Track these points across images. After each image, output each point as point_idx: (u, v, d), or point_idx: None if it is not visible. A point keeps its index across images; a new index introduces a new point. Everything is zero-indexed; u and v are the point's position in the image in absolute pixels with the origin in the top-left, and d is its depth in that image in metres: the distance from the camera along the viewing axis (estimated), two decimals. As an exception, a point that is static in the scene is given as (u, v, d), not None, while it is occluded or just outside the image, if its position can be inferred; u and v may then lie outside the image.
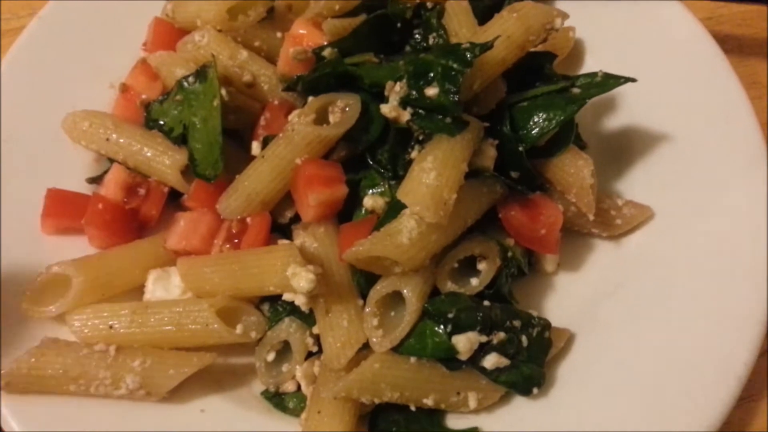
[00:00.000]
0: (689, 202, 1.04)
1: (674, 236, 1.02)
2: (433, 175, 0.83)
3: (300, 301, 0.86)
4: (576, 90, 0.97)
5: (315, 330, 0.90)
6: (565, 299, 1.01)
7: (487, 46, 0.88)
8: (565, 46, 1.14)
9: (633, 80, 0.98)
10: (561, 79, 1.00)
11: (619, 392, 0.90)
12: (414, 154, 0.89)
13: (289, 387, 0.93)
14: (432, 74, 0.89)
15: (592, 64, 1.19)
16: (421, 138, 0.90)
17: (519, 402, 0.91)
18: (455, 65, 0.87)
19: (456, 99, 0.86)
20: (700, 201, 1.03)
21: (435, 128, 0.88)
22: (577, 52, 1.23)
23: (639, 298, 0.98)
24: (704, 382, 0.88)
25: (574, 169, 0.97)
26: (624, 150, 1.13)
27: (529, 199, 0.96)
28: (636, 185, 1.09)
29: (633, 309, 0.97)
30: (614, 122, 1.16)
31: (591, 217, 0.96)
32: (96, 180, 1.09)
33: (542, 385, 0.90)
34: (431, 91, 0.88)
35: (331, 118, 0.97)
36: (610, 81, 0.97)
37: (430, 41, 1.01)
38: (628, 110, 1.16)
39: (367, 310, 0.87)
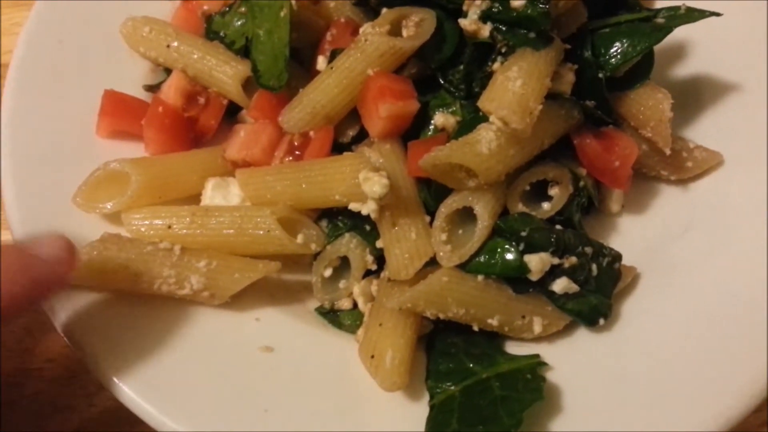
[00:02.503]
0: (758, 150, 1.01)
1: (742, 183, 0.99)
2: (519, 83, 0.80)
3: (370, 208, 0.83)
4: (660, 20, 0.93)
5: (378, 244, 0.88)
6: (629, 240, 0.98)
7: (578, -40, 0.85)
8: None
9: (718, 14, 0.95)
10: (644, 9, 0.97)
11: (684, 333, 0.87)
12: (496, 66, 0.86)
13: (345, 304, 0.90)
14: (518, -14, 0.85)
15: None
16: (503, 51, 0.86)
17: (581, 334, 0.88)
18: (544, -23, 0.83)
19: (545, 9, 0.83)
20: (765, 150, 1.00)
21: (519, 41, 0.85)
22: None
23: (707, 242, 0.95)
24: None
25: (652, 102, 0.93)
26: (693, 97, 1.09)
27: (603, 131, 0.93)
28: (705, 133, 1.05)
29: (700, 252, 0.94)
30: (683, 70, 1.13)
31: (667, 151, 0.93)
32: (153, 88, 1.06)
33: (609, 317, 0.87)
34: (518, 2, 0.84)
35: (405, 33, 0.93)
36: (695, 13, 0.94)
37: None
38: (697, 58, 1.12)
39: (437, 224, 0.84)
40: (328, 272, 0.90)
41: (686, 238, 0.96)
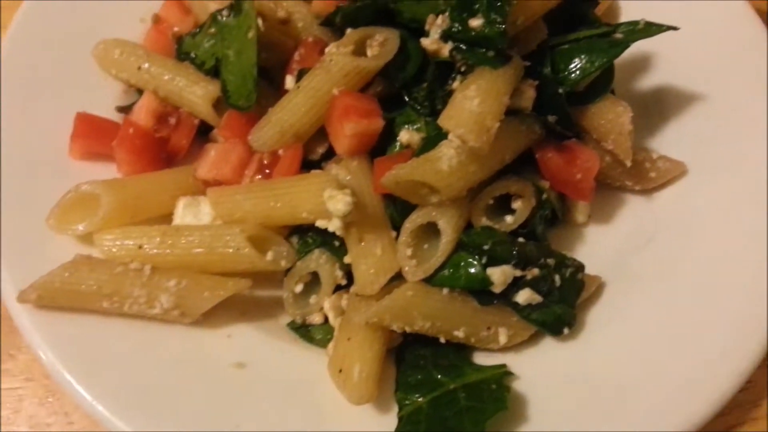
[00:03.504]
0: (721, 160, 1.04)
1: (706, 192, 1.02)
2: (476, 102, 0.82)
3: (335, 225, 0.85)
4: (618, 35, 0.96)
5: (346, 260, 0.90)
6: (595, 250, 1.00)
7: (534, -20, 0.87)
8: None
9: (675, 28, 0.97)
10: (603, 24, 0.99)
11: (647, 341, 0.90)
12: (455, 84, 0.88)
13: (316, 319, 0.92)
14: (477, 5, 0.88)
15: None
16: (463, 69, 0.89)
17: (547, 344, 0.91)
18: (501, -4, 0.86)
19: (501, 29, 0.85)
20: (731, 159, 1.03)
21: (478, 60, 0.87)
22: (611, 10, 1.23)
23: (670, 252, 0.98)
24: (734, 336, 0.87)
25: (612, 116, 0.96)
26: (656, 108, 1.12)
27: (565, 144, 0.96)
28: (668, 143, 1.08)
29: (664, 262, 0.97)
30: (646, 81, 1.16)
31: (628, 163, 0.96)
32: (125, 109, 1.08)
33: (573, 326, 0.89)
34: (476, 22, 0.87)
35: (369, 52, 0.96)
36: (652, 28, 0.97)
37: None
38: (660, 69, 1.16)
39: (402, 239, 0.86)
40: (299, 288, 0.92)
41: (650, 247, 0.99)
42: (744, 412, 0.96)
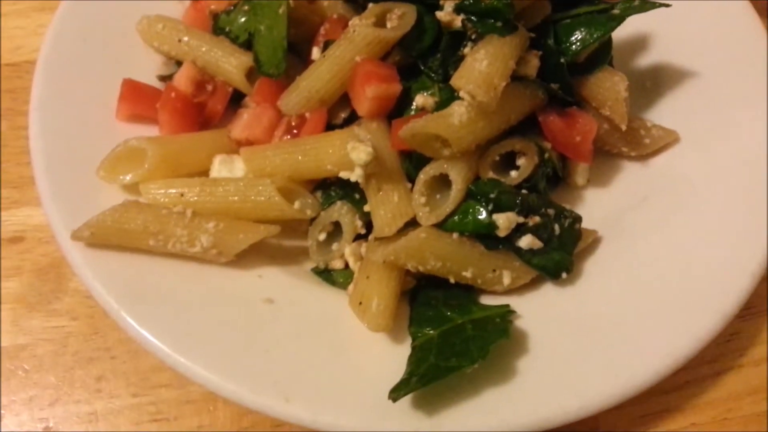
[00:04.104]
0: (712, 129, 1.13)
1: (697, 157, 1.11)
2: (485, 63, 0.91)
3: (357, 175, 0.94)
4: (615, 11, 1.05)
5: (366, 208, 0.99)
6: (593, 210, 1.09)
7: (539, -43, 0.97)
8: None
9: (667, 5, 1.06)
10: (602, 2, 1.09)
11: (639, 286, 0.98)
12: (466, 50, 0.98)
13: (338, 264, 1.01)
14: (488, -18, 0.97)
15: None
16: (473, 37, 0.98)
17: (547, 289, 0.99)
18: (510, -28, 0.95)
19: (508, 1, 0.95)
20: (722, 128, 1.12)
21: (487, 29, 0.96)
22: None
23: (662, 209, 1.06)
24: (722, 277, 0.96)
25: (609, 84, 1.05)
26: (653, 83, 1.21)
27: (566, 110, 1.05)
28: (663, 114, 1.17)
29: (656, 218, 1.05)
30: (644, 59, 1.25)
31: (623, 127, 1.05)
32: (166, 78, 1.18)
33: (570, 272, 0.98)
34: (485, -4, 0.96)
35: (389, 24, 1.06)
36: (646, 5, 1.06)
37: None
38: (657, 48, 1.25)
39: (416, 188, 0.95)
40: (322, 236, 1.02)
41: (643, 206, 1.07)
42: (731, 359, 1.04)
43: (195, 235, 0.94)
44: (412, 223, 0.97)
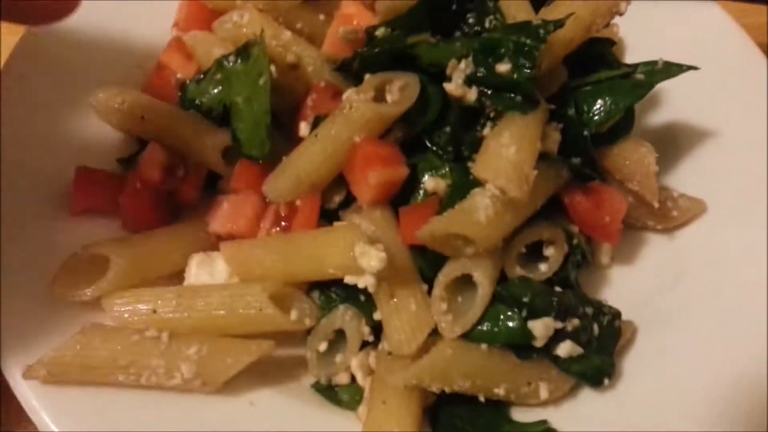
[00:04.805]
0: (739, 196, 1.03)
1: (727, 229, 1.01)
2: (513, 150, 0.79)
3: (368, 282, 0.80)
4: (639, 76, 0.95)
5: (376, 317, 0.85)
6: (621, 292, 0.98)
7: (559, 24, 0.86)
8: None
9: (696, 68, 0.97)
10: (622, 65, 0.99)
11: (686, 387, 0.87)
12: (486, 131, 0.86)
13: (343, 379, 0.87)
14: (502, 50, 0.86)
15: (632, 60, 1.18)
16: (492, 115, 0.86)
17: (585, 394, 0.87)
18: (528, 41, 0.84)
19: (531, 74, 0.83)
20: (749, 194, 1.02)
21: (507, 106, 0.84)
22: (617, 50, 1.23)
23: (699, 292, 0.95)
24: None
25: (637, 156, 0.95)
26: (669, 145, 1.12)
27: (591, 186, 0.94)
28: (684, 180, 1.07)
29: (694, 304, 0.94)
30: (657, 118, 1.16)
31: (656, 204, 0.94)
32: (127, 161, 1.02)
33: (612, 376, 0.86)
34: (503, 68, 0.84)
35: (389, 98, 0.93)
36: (672, 68, 0.96)
37: (486, 24, 0.98)
38: (670, 107, 1.15)
39: (436, 293, 0.82)
40: (323, 346, 0.87)
41: (678, 288, 0.96)
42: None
43: (174, 364, 0.78)
44: (431, 331, 0.83)
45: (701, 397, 0.86)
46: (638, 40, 1.20)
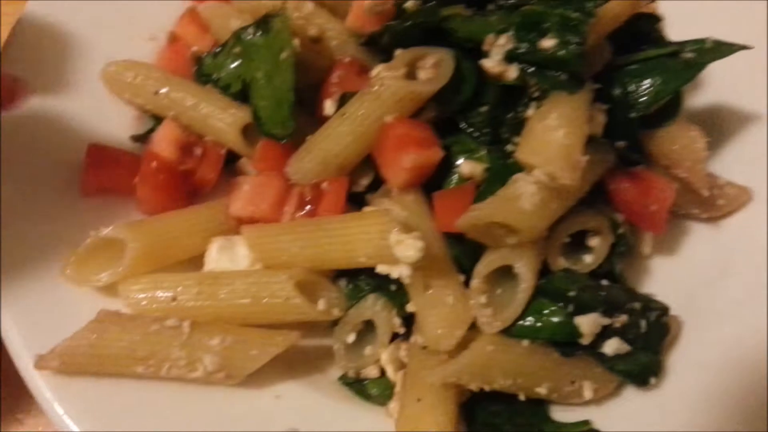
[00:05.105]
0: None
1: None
2: (562, 133, 0.73)
3: (403, 273, 0.75)
4: (689, 55, 0.89)
5: (409, 308, 0.80)
6: (664, 284, 0.92)
7: (606, -4, 0.79)
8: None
9: (748, 47, 0.90)
10: (670, 43, 0.92)
11: (733, 386, 0.82)
12: (530, 112, 0.80)
13: (372, 372, 0.82)
14: (547, 25, 0.79)
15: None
16: (536, 95, 0.80)
17: (629, 393, 0.82)
18: (575, 15, 0.78)
19: (579, 51, 0.77)
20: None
21: (553, 85, 0.78)
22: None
23: (746, 286, 0.90)
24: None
25: (686, 141, 0.89)
26: (714, 129, 1.05)
27: (637, 172, 0.88)
28: (730, 166, 1.01)
29: (741, 298, 0.89)
30: (701, 99, 1.09)
31: (705, 193, 0.89)
32: (141, 138, 0.96)
33: (659, 375, 0.81)
34: (548, 43, 0.78)
35: (422, 75, 0.86)
36: (723, 47, 0.90)
37: (522, -4, 0.92)
38: (714, 87, 1.09)
39: (475, 285, 0.77)
40: (351, 338, 0.82)
41: (725, 282, 0.91)
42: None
43: (196, 355, 0.73)
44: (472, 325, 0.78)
45: (748, 396, 0.81)
46: (682, 16, 1.14)
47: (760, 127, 1.03)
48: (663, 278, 0.94)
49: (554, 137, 0.74)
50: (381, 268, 0.78)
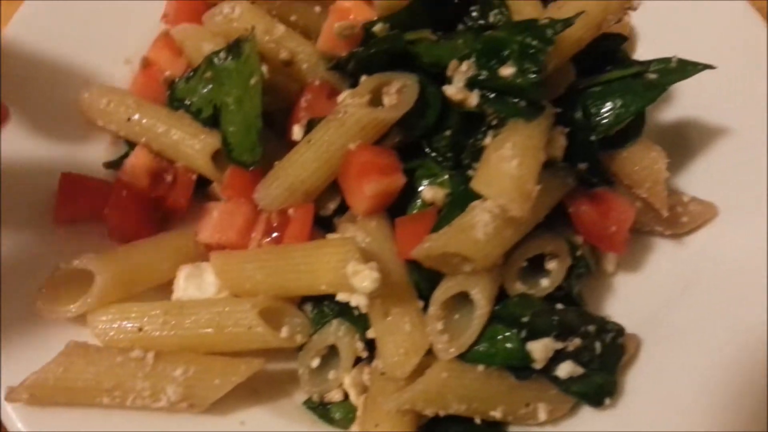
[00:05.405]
0: (752, 200, 0.98)
1: (738, 235, 0.96)
2: (515, 164, 0.75)
3: (360, 302, 0.77)
4: (652, 75, 0.89)
5: (369, 334, 0.82)
6: (626, 302, 0.94)
7: (568, 23, 0.80)
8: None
9: (712, 67, 0.91)
10: (634, 63, 0.93)
11: (688, 405, 0.83)
12: (487, 140, 0.81)
13: (335, 396, 0.84)
14: (506, 52, 0.80)
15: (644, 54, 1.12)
16: (494, 123, 0.81)
17: (585, 413, 0.84)
18: (534, 42, 0.79)
19: (536, 79, 0.78)
20: (762, 198, 0.97)
21: (510, 112, 0.79)
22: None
23: (706, 303, 0.91)
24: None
25: (647, 161, 0.90)
26: (679, 144, 1.06)
27: (597, 193, 0.89)
28: (695, 182, 1.02)
29: (700, 316, 0.90)
30: (667, 115, 1.10)
31: (665, 213, 0.90)
32: (114, 165, 0.98)
33: (614, 396, 0.83)
34: (507, 71, 0.79)
35: (386, 101, 0.88)
36: (688, 67, 0.90)
37: (491, 18, 0.93)
38: (680, 103, 1.09)
39: (432, 311, 0.78)
40: (315, 362, 0.84)
41: (685, 299, 0.92)
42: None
43: (160, 386, 0.75)
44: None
45: (706, 411, 0.83)
46: (651, 30, 1.14)
47: (727, 142, 1.04)
48: (625, 296, 0.95)
49: (507, 168, 0.75)
50: (341, 296, 0.80)
